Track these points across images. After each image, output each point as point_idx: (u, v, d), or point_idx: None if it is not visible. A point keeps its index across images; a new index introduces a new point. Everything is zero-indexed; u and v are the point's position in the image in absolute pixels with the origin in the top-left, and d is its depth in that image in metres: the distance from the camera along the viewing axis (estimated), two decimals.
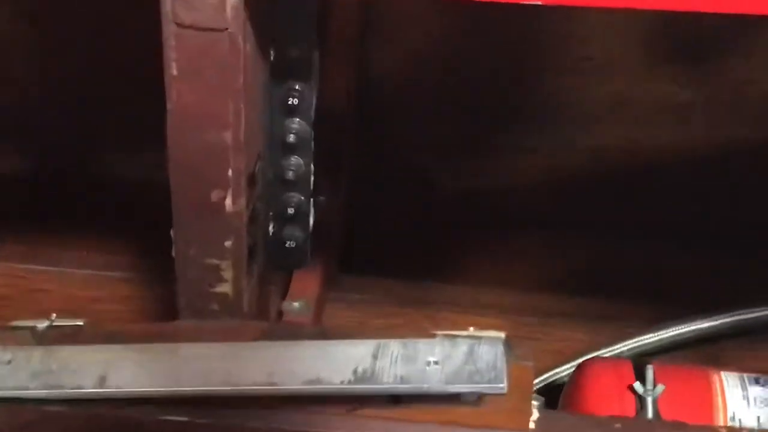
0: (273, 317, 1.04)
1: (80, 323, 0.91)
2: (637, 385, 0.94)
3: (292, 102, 0.90)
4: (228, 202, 0.86)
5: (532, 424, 0.84)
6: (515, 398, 0.84)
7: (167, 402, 0.83)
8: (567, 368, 1.10)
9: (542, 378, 1.10)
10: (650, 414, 0.93)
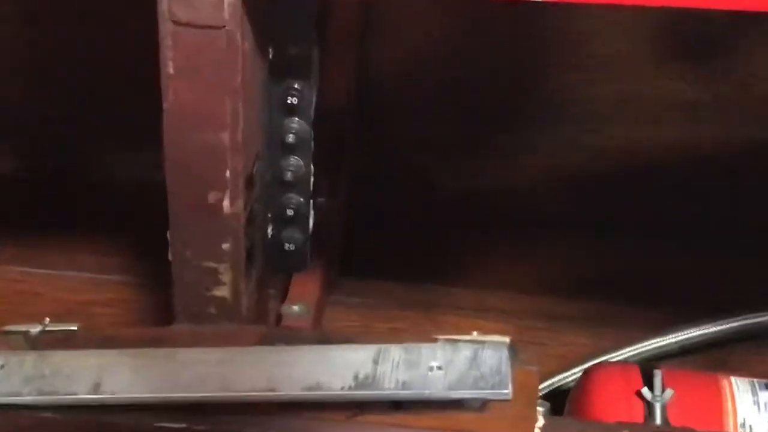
0: (272, 321, 1.03)
1: (74, 328, 0.90)
2: (646, 391, 0.94)
3: (292, 101, 0.90)
4: (225, 204, 0.85)
5: (538, 431, 0.83)
6: (520, 404, 0.83)
7: (163, 408, 0.83)
8: (573, 373, 1.10)
9: (548, 383, 1.10)
10: (659, 420, 0.92)
